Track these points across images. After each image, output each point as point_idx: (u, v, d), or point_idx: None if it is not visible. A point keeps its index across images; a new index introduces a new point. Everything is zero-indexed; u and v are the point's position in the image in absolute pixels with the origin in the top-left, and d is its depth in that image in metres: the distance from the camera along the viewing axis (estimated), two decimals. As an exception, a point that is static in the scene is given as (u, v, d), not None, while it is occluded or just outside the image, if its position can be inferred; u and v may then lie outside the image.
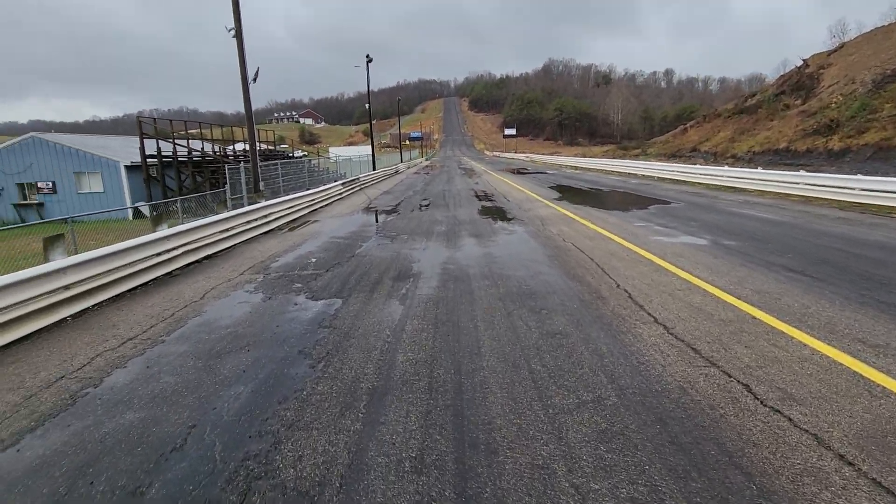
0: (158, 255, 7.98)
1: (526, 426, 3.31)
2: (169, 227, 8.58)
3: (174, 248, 8.37)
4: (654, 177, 26.15)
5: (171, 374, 4.31)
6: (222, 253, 9.80)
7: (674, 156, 40.60)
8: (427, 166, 55.24)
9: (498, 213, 14.34)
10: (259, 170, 16.86)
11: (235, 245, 10.51)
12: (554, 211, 14.29)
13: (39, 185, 26.80)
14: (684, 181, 22.67)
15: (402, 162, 53.16)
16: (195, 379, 4.18)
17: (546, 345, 4.65)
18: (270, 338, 5.08)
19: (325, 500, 2.67)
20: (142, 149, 24.57)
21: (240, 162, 22.35)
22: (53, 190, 26.74)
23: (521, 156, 75.60)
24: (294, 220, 14.36)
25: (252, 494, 2.73)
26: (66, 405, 3.82)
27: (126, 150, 27.76)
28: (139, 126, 24.76)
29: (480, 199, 18.48)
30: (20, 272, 5.57)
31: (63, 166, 26.56)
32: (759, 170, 18.65)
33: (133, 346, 4.99)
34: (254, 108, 15.76)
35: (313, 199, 16.95)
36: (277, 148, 41.23)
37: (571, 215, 13.17)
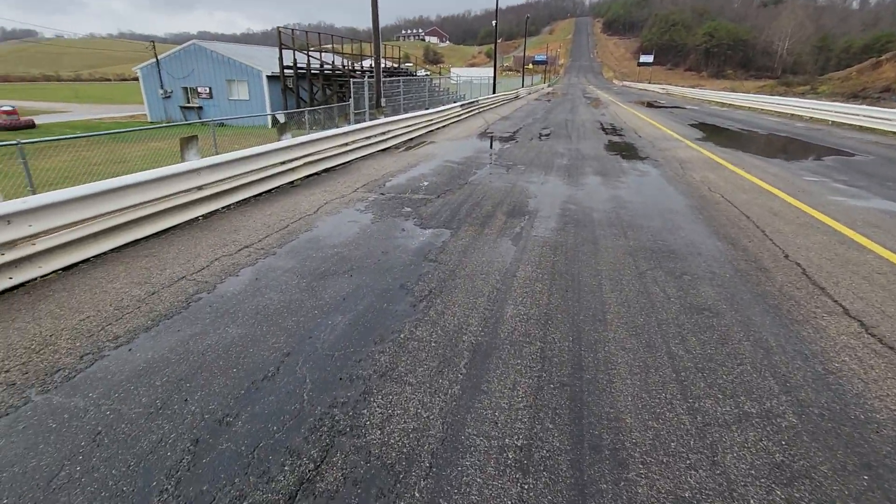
0: (283, 163, 8.00)
1: (666, 434, 2.51)
2: (293, 136, 8.52)
3: (297, 159, 8.34)
4: (826, 120, 21.11)
5: (276, 290, 4.13)
6: (340, 168, 9.70)
7: (856, 96, 32.60)
8: (549, 93, 51.14)
9: (628, 150, 12.48)
10: (382, 86, 16.44)
11: (352, 161, 10.36)
12: (696, 153, 12.05)
13: (199, 89, 29.43)
14: (871, 128, 17.92)
15: (522, 87, 49.69)
16: (297, 300, 3.95)
17: (690, 323, 3.65)
18: (374, 265, 4.70)
19: (411, 482, 2.19)
20: (280, 59, 25.45)
21: (365, 77, 22.19)
22: (210, 95, 29.25)
23: (655, 87, 66.58)
24: (410, 139, 13.90)
25: (334, 453, 2.35)
26: (181, 308, 3.80)
27: (269, 61, 29.03)
28: (279, 37, 25.45)
29: (607, 133, 16.36)
30: (163, 168, 5.74)
31: (218, 73, 28.70)
32: None
33: (248, 255, 4.94)
34: (381, 24, 14.99)
35: (431, 120, 16.26)
36: (401, 66, 40.58)
37: (719, 160, 10.96)
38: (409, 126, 13.99)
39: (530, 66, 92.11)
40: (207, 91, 29.19)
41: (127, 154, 14.23)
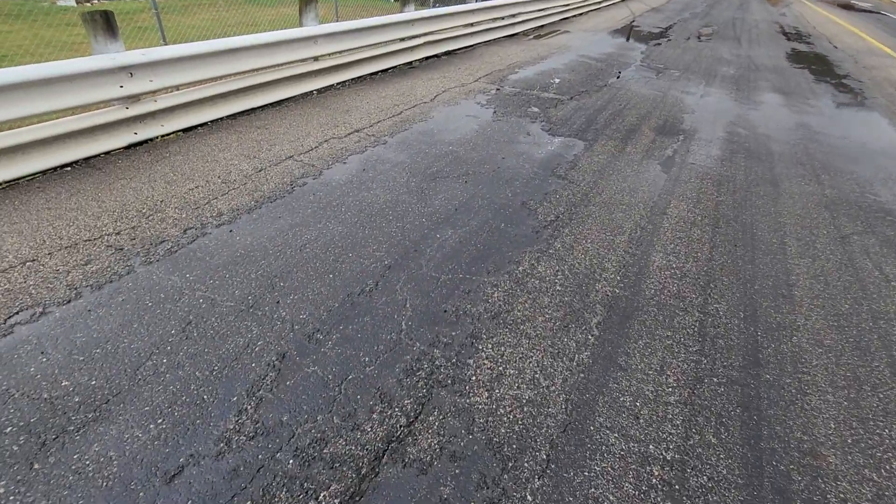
0: (402, 40, 7.08)
1: (894, 498, 1.69)
2: (415, 9, 7.43)
3: (417, 37, 7.34)
4: None
5: (383, 186, 3.59)
6: (461, 52, 8.52)
7: None
8: (711, -17, 41.43)
9: (819, 64, 9.57)
10: (518, -43, 13.92)
11: (475, 45, 9.05)
12: (920, 77, 8.88)
13: (328, -46, 27.80)
14: None
15: (679, -27, 40.60)
16: (404, 202, 3.39)
17: (925, 325, 2.54)
18: (492, 173, 3.94)
19: (522, 477, 1.67)
20: (411, -78, 22.67)
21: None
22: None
23: (856, -16, 50.88)
24: (541, 26, 11.91)
25: (430, 411, 1.88)
26: (285, 191, 3.44)
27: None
28: None
29: (790, 39, 12.74)
30: (278, 32, 5.19)
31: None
32: None
33: (357, 140, 4.41)
34: None
35: (567, 5, 13.73)
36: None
37: (957, 90, 7.95)
38: (541, 10, 11.89)
39: (694, -54, 74.46)
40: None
41: (259, 17, 14.03)
